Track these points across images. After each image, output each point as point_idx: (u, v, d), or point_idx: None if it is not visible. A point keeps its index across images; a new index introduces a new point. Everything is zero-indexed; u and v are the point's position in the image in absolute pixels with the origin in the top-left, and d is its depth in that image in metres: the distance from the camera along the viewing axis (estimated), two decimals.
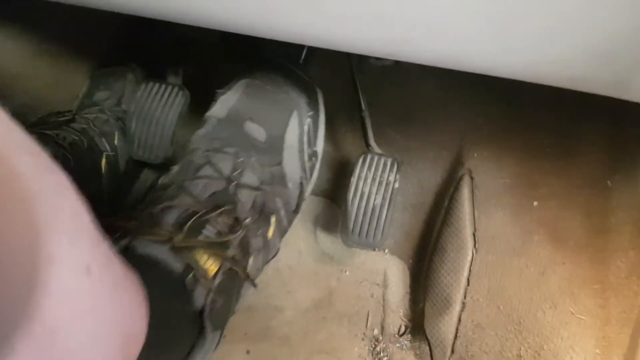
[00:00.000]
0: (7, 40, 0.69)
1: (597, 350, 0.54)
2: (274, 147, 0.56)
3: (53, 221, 0.23)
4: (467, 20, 0.29)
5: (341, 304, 0.66)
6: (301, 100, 0.59)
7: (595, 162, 0.63)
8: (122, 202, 0.71)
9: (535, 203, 0.63)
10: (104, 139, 0.66)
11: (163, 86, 0.68)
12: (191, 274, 0.41)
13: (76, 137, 0.63)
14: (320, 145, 0.63)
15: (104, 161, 0.65)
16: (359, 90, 0.66)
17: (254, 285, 0.50)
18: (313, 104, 0.61)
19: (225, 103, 0.58)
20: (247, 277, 0.47)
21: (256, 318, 0.65)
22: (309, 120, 0.59)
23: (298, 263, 0.69)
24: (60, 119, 0.64)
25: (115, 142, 0.68)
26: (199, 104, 0.72)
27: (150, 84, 0.68)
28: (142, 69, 0.76)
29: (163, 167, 0.73)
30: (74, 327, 0.24)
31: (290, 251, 0.68)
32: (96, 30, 0.76)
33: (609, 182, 0.62)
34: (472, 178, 0.66)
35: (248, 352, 0.63)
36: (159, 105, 0.66)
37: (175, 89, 0.68)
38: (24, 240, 0.21)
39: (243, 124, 0.56)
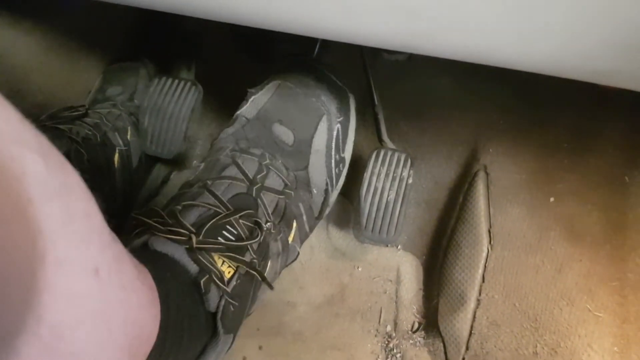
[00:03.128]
0: (20, 37, 0.69)
1: (616, 348, 0.53)
2: (301, 151, 0.56)
3: (63, 222, 0.22)
4: (492, 11, 0.28)
5: (354, 300, 0.66)
6: (332, 105, 0.58)
7: (613, 158, 0.62)
8: (134, 196, 0.71)
9: (551, 199, 0.62)
10: (117, 134, 0.66)
11: (176, 81, 0.68)
12: (206, 277, 0.41)
13: (89, 132, 0.62)
14: (348, 151, 0.61)
15: (116, 156, 0.65)
16: (372, 85, 0.66)
17: (271, 288, 0.49)
18: (344, 109, 0.60)
19: (256, 103, 0.57)
20: (264, 280, 0.47)
21: (269, 314, 0.65)
22: (338, 125, 0.58)
23: (310, 259, 0.69)
24: (73, 113, 0.64)
25: (128, 137, 0.68)
26: (211, 99, 0.72)
27: (163, 79, 0.68)
28: (154, 65, 0.76)
29: (175, 162, 0.73)
30: (80, 329, 0.24)
31: (303, 247, 0.68)
32: (109, 25, 0.76)
33: (626, 178, 0.61)
34: (487, 174, 0.65)
35: (260, 347, 0.63)
36: (171, 100, 0.66)
37: (188, 84, 0.67)
38: (28, 242, 0.20)
39: (272, 125, 0.56)
